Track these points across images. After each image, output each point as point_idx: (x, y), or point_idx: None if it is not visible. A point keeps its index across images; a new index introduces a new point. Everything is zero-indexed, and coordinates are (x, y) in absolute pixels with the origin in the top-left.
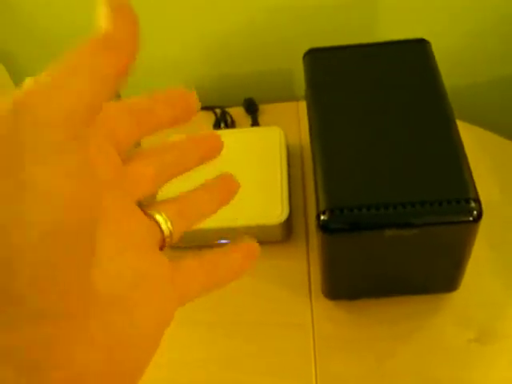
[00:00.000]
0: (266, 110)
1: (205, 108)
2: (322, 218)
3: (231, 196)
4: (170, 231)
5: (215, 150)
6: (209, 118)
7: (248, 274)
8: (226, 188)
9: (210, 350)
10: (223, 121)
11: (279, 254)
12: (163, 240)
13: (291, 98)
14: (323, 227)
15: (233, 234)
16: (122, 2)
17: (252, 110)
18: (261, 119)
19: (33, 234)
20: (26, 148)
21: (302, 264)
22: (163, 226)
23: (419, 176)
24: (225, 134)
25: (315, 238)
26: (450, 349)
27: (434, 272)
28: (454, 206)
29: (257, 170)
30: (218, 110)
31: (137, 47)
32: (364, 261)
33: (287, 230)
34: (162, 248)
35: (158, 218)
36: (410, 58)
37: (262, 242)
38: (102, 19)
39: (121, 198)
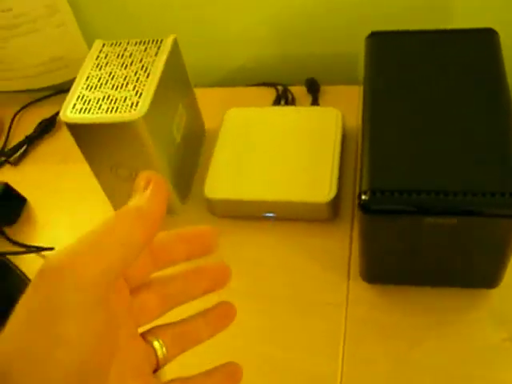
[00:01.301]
0: (328, 91)
1: (267, 84)
2: (363, 197)
3: (228, 323)
4: (165, 356)
5: (221, 282)
6: (271, 94)
7: (290, 249)
8: (223, 316)
9: (240, 322)
10: (284, 98)
11: (323, 233)
12: (157, 363)
13: (354, 81)
14: (363, 207)
15: (279, 208)
16: (157, 178)
17: (313, 89)
18: (321, 100)
19: (60, 371)
20: (62, 306)
21: (345, 245)
22: (159, 353)
23: (466, 165)
24: (283, 111)
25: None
26: (481, 347)
27: (474, 266)
28: (497, 198)
29: (310, 148)
30: (280, 87)
31: (164, 216)
32: (402, 246)
33: (334, 210)
34: (155, 371)
35: (156, 344)
36: (476, 48)
37: (307, 220)
38: (138, 191)
39: (128, 327)
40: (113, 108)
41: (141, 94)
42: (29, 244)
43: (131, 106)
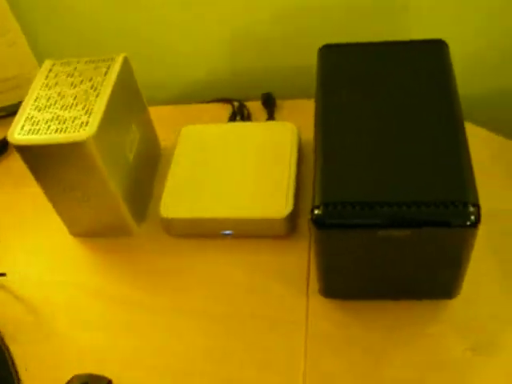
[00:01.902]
0: (284, 106)
1: (223, 100)
2: (316, 212)
3: None
4: None
5: None
6: (226, 110)
7: (248, 267)
8: None
9: (198, 342)
10: (239, 113)
11: (281, 249)
12: None
13: (311, 95)
14: (316, 221)
15: (236, 226)
16: None
17: (269, 104)
18: (277, 114)
19: None
20: None
21: (303, 261)
22: None
23: (418, 176)
24: (239, 127)
25: None
26: (445, 358)
27: (431, 277)
28: (450, 209)
29: (266, 163)
30: (235, 103)
31: None
32: (357, 259)
33: (291, 226)
34: None
35: None
36: (426, 59)
37: (265, 236)
38: None
39: None
40: (62, 128)
41: (90, 114)
42: None
43: (80, 126)
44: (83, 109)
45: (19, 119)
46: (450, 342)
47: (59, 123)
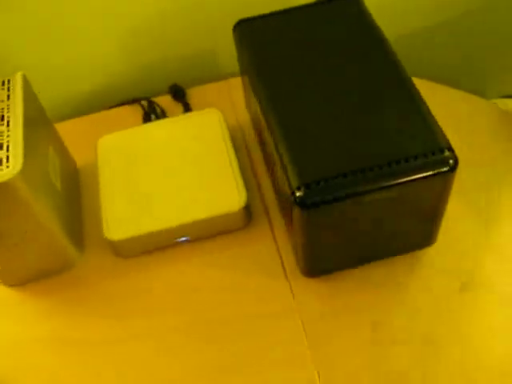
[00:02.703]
0: (194, 94)
1: (129, 102)
2: (298, 194)
3: None
4: None
5: None
6: (136, 111)
7: (216, 269)
8: None
9: (191, 361)
10: (152, 112)
11: (243, 242)
12: None
13: (217, 77)
14: (301, 203)
15: (192, 230)
16: None
17: (179, 95)
18: (191, 104)
19: None
20: None
21: (270, 248)
22: None
23: (387, 135)
24: (160, 125)
25: (277, 218)
26: (439, 301)
27: (412, 230)
28: (430, 158)
29: (202, 157)
30: (144, 102)
31: None
32: (344, 231)
33: (247, 216)
34: None
35: None
36: (345, 16)
37: (222, 233)
38: None
39: None
40: None
41: (8, 147)
42: None
43: (1, 164)
44: None
45: None
46: (438, 284)
47: None
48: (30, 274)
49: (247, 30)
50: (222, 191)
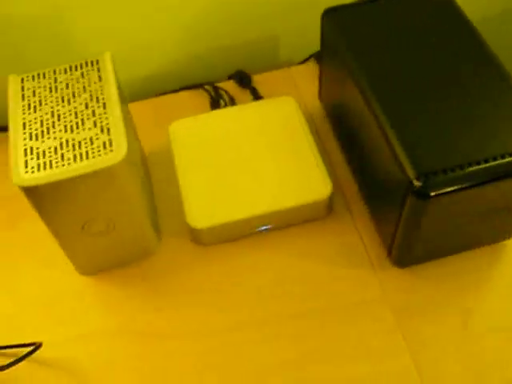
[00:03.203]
0: (258, 81)
1: (192, 87)
2: (417, 184)
3: None
4: None
5: None
6: (199, 97)
7: (299, 259)
8: None
9: (285, 350)
10: (219, 98)
11: (325, 232)
12: None
13: (278, 65)
14: (419, 194)
15: (275, 218)
16: None
17: (245, 82)
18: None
19: None
20: None
21: (353, 237)
22: None
23: (492, 126)
24: (235, 112)
25: (357, 207)
26: None
27: (506, 221)
28: None
29: (282, 145)
30: (208, 88)
31: None
32: (448, 222)
33: (330, 205)
34: None
35: None
36: (432, 4)
37: (305, 222)
38: None
39: None
40: (81, 155)
41: (108, 130)
42: None
43: (104, 148)
44: (95, 126)
45: (16, 155)
46: None
47: (74, 149)
48: (108, 262)
49: (337, 18)
50: (307, 180)
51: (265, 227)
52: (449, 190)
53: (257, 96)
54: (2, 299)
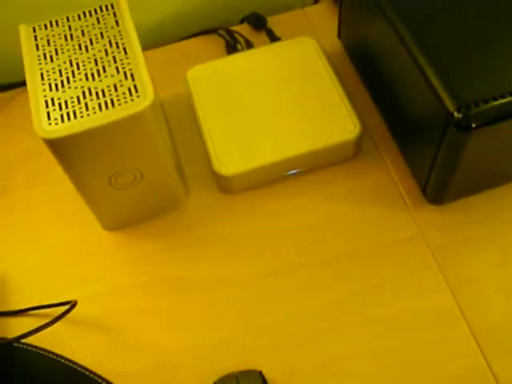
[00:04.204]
0: (273, 23)
1: (206, 32)
2: (457, 115)
3: None
4: None
5: None
6: (214, 42)
7: (331, 199)
8: None
9: (331, 292)
10: (234, 41)
11: (356, 172)
12: None
13: (290, 6)
14: (460, 126)
15: (304, 161)
16: None
17: (261, 24)
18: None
19: None
20: None
21: (385, 176)
22: None
23: None
24: (251, 56)
25: (385, 146)
26: None
27: None
28: None
29: (306, 87)
30: (222, 32)
31: None
32: (489, 155)
33: (359, 145)
34: None
35: None
36: None
37: (334, 163)
38: None
39: None
40: (106, 102)
41: (132, 76)
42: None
43: (130, 94)
44: (118, 72)
45: (38, 106)
46: None
47: (98, 97)
48: (134, 217)
49: None
50: (335, 120)
51: (294, 171)
52: (491, 120)
53: (274, 38)
54: (29, 258)
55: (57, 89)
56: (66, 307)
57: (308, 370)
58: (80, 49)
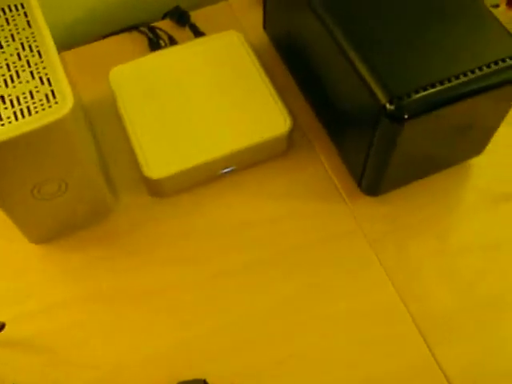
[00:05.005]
0: (197, 17)
1: (127, 29)
2: (389, 107)
3: None
4: None
5: None
6: (137, 39)
7: (267, 196)
8: None
9: (272, 289)
10: (157, 38)
11: (290, 167)
12: None
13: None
14: (393, 117)
15: (238, 158)
16: None
17: (184, 19)
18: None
19: None
20: None
21: (319, 170)
22: None
23: (464, 43)
24: (175, 52)
25: (317, 140)
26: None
27: (471, 140)
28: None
29: (234, 82)
30: (144, 29)
31: None
32: (420, 144)
33: (291, 140)
34: None
35: None
36: None
37: (267, 159)
38: None
39: None
40: (22, 110)
41: (49, 80)
42: None
43: (48, 100)
44: (33, 77)
45: None
46: (492, 191)
47: (13, 105)
48: (61, 228)
49: None
50: (265, 115)
51: (226, 170)
52: (422, 110)
53: (198, 33)
54: None
55: None
56: None
57: (260, 371)
58: None
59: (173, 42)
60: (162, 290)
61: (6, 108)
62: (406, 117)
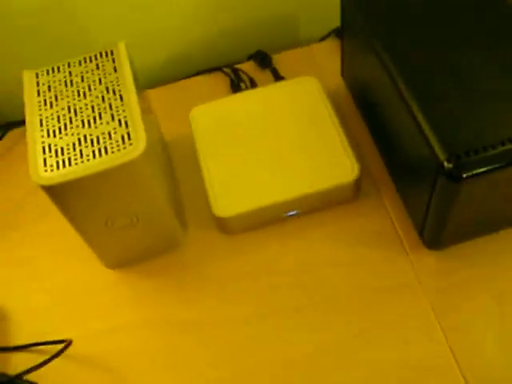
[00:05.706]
0: (278, 61)
1: (210, 70)
2: (447, 165)
3: None
4: None
5: None
6: (219, 80)
7: (329, 241)
8: None
9: (325, 337)
10: (240, 81)
11: (354, 215)
12: None
13: (297, 43)
14: (450, 175)
15: (303, 202)
16: None
17: (266, 62)
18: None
19: None
20: None
21: (384, 218)
22: None
23: None
24: (254, 95)
25: (386, 189)
26: None
27: None
28: None
29: (306, 127)
30: (227, 70)
31: None
32: (481, 203)
33: (359, 187)
34: None
35: None
36: None
37: (333, 205)
38: None
39: None
40: (100, 150)
41: (126, 123)
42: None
43: (123, 142)
44: (113, 119)
45: (34, 152)
46: None
47: (92, 145)
48: (134, 256)
49: None
50: (333, 162)
51: (292, 212)
52: (481, 171)
53: (278, 76)
54: (31, 294)
55: (54, 135)
56: (61, 346)
57: None
58: (78, 95)
59: (253, 84)
60: (218, 322)
61: (86, 146)
62: (464, 176)
